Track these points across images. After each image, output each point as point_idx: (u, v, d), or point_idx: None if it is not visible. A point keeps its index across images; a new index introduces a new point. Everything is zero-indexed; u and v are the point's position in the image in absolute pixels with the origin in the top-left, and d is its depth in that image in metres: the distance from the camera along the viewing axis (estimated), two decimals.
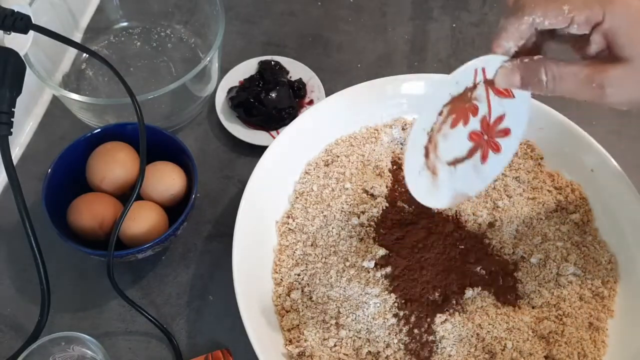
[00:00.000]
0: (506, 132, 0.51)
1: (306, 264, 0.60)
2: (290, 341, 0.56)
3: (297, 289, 0.59)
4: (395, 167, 0.67)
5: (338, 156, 0.67)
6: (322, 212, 0.63)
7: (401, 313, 0.57)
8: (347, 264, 0.60)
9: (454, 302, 0.58)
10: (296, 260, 0.61)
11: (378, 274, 0.59)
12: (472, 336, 0.57)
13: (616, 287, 0.60)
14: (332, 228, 0.62)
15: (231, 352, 0.58)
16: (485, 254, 0.61)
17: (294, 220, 0.63)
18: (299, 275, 0.60)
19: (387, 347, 0.56)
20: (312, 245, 0.62)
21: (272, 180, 0.63)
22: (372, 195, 0.64)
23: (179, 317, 0.62)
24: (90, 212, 0.60)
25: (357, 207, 0.63)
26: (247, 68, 0.77)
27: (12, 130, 0.56)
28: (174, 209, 0.62)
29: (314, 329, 0.57)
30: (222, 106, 0.74)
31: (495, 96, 0.48)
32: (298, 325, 0.57)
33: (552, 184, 0.66)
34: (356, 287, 0.58)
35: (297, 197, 0.64)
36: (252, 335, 0.53)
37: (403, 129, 0.69)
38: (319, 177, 0.65)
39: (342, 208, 0.63)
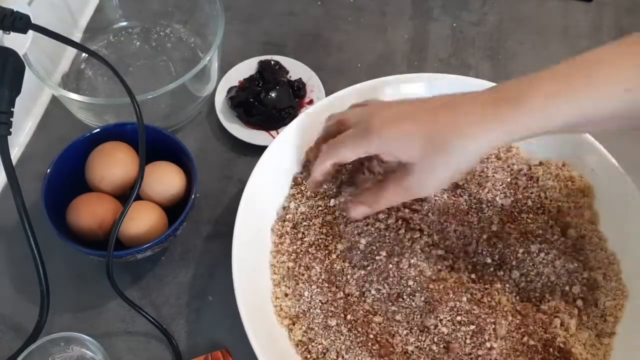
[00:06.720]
0: None
1: None
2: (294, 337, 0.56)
3: None
4: None
5: None
6: None
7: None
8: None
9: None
10: None
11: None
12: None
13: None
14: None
15: (231, 352, 0.58)
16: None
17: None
18: None
19: None
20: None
21: (271, 180, 0.63)
22: None
23: (178, 317, 0.62)
24: (90, 212, 0.59)
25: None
26: (246, 68, 0.77)
27: (11, 130, 0.56)
28: (174, 209, 0.62)
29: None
30: (221, 106, 0.74)
31: None
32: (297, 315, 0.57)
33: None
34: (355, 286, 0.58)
35: (296, 197, 0.64)
36: (252, 336, 0.53)
37: None
38: None
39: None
